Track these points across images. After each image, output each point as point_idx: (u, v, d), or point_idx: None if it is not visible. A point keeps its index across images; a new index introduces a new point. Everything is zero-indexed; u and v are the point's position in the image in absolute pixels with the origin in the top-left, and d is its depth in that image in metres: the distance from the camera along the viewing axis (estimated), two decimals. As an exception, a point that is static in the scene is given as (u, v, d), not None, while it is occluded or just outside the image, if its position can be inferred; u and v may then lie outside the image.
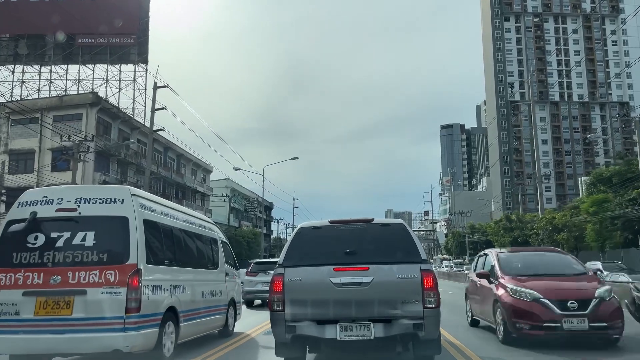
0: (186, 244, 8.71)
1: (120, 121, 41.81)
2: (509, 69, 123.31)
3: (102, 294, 6.44)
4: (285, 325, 6.17)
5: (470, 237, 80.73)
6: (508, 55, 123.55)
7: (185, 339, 8.19)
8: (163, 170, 50.25)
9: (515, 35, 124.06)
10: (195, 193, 59.71)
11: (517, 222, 51.11)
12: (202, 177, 64.61)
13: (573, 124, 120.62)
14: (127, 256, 6.63)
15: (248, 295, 17.92)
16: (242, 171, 40.96)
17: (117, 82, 43.32)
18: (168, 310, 7.32)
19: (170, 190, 53.43)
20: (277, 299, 6.24)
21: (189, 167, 59.45)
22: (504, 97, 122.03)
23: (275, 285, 6.29)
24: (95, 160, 38.08)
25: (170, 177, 51.35)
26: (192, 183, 57.91)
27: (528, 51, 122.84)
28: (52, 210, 6.93)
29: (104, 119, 38.08)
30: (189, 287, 8.23)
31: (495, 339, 9.22)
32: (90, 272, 6.51)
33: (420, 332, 6.04)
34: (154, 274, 7.08)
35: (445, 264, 60.17)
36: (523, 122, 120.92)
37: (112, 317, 6.39)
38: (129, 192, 7.13)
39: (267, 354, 8.04)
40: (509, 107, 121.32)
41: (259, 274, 18.28)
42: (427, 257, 6.55)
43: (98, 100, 38.10)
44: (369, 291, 6.09)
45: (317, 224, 6.96)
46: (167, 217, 8.05)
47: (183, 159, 57.15)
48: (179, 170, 55.64)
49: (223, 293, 10.13)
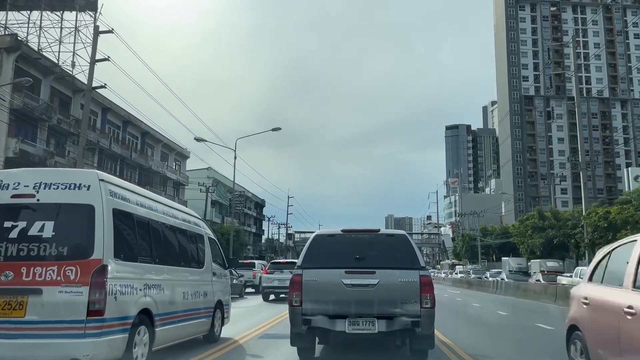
0: (166, 239, 7.86)
1: (54, 78, 32.81)
2: (524, 61, 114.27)
3: (60, 294, 5.66)
4: (301, 319, 7.00)
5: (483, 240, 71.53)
6: (522, 46, 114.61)
7: (163, 345, 7.41)
8: (120, 147, 41.22)
9: (530, 26, 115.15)
10: (165, 180, 50.64)
11: (551, 219, 41.89)
12: (176, 163, 55.57)
13: (592, 121, 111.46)
14: (91, 250, 5.84)
15: (265, 290, 21.09)
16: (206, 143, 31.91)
17: (59, 32, 34.33)
18: (141, 313, 6.50)
19: (131, 173, 44.38)
20: (296, 295, 7.08)
21: (158, 149, 50.42)
22: (517, 92, 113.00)
23: (294, 284, 7.16)
24: (15, 123, 29.06)
25: (129, 156, 42.30)
26: (161, 168, 48.83)
27: (544, 42, 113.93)
28: (7, 196, 6.13)
29: (29, 73, 29.08)
30: (167, 287, 7.41)
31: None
32: (47, 268, 5.72)
33: (417, 329, 6.84)
34: (124, 272, 6.26)
35: (458, 270, 50.63)
36: (538, 118, 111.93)
37: (70, 320, 5.61)
38: (97, 177, 6.28)
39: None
40: (523, 101, 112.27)
41: (275, 272, 21.09)
42: (425, 264, 7.37)
43: (17, 44, 29.11)
44: (374, 292, 6.94)
45: (331, 232, 7.98)
46: (143, 207, 7.17)
47: (150, 138, 48.12)
48: (144, 150, 46.58)
49: (209, 294, 9.37)
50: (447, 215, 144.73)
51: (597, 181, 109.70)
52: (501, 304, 20.36)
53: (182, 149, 55.11)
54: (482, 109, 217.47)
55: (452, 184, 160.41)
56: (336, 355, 8.48)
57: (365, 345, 8.52)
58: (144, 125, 45.31)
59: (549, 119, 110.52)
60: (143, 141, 46.86)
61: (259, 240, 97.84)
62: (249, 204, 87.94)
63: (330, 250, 7.47)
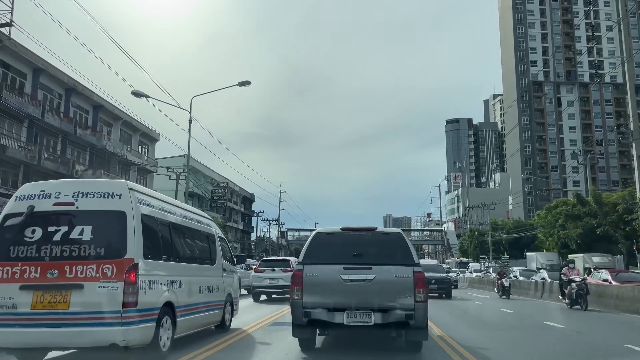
0: (184, 239, 8.74)
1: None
2: (532, 45, 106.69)
3: (99, 288, 6.48)
4: (302, 311, 7.40)
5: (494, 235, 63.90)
6: (530, 29, 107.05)
7: (182, 334, 8.28)
8: (60, 120, 33.46)
9: (539, 7, 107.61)
10: (127, 165, 42.93)
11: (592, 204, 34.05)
12: (142, 146, 47.84)
13: (605, 108, 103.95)
14: (125, 251, 6.66)
15: (255, 290, 19.70)
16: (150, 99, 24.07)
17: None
18: (165, 305, 7.34)
19: (79, 153, 36.66)
20: (297, 290, 7.49)
21: (117, 127, 42.65)
22: (525, 77, 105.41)
23: (296, 278, 7.57)
24: None
25: (72, 132, 34.53)
26: (119, 149, 41.09)
27: (554, 25, 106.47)
28: (50, 204, 6.96)
29: None
30: (186, 282, 8.25)
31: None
32: (87, 267, 6.55)
33: (411, 321, 7.18)
34: (151, 269, 7.10)
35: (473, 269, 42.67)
36: (547, 105, 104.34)
37: (109, 311, 6.43)
38: (127, 186, 7.17)
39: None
40: (531, 88, 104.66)
41: (265, 270, 19.65)
42: (418, 261, 7.64)
43: None
44: (371, 286, 7.32)
45: (331, 229, 8.24)
46: (164, 212, 8.04)
47: (105, 114, 40.43)
48: (97, 127, 38.81)
49: (220, 289, 10.17)
50: (450, 211, 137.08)
51: (612, 172, 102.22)
52: (610, 324, 13.06)
53: (148, 130, 47.36)
54: (483, 102, 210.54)
55: (454, 179, 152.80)
56: (335, 346, 8.91)
57: (363, 337, 9.04)
58: (96, 97, 37.63)
59: (560, 106, 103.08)
60: (95, 116, 39.05)
61: (248, 238, 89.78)
62: (235, 198, 79.98)
63: (330, 247, 7.90)
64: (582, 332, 11.85)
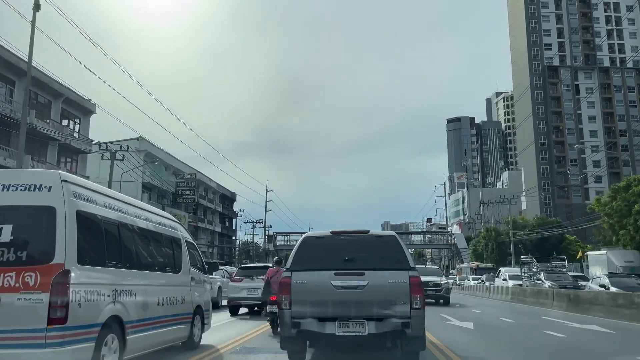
0: (138, 243, 7.44)
1: None
2: (545, 26, 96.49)
3: (19, 301, 5.30)
4: (291, 322, 6.82)
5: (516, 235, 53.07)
6: (544, 9, 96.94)
7: (137, 354, 7.05)
8: None
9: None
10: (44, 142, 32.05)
11: None
12: (73, 120, 36.99)
13: (628, 96, 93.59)
14: (52, 255, 5.44)
15: (233, 302, 17.27)
16: None
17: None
18: (110, 321, 6.12)
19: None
20: (285, 298, 6.91)
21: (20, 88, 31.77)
22: (539, 62, 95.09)
23: (283, 286, 7.00)
24: None
25: None
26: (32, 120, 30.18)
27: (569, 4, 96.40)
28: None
29: None
30: (140, 292, 7.01)
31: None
32: (5, 275, 5.37)
33: (407, 330, 6.69)
34: (90, 277, 5.87)
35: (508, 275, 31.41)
36: (564, 93, 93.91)
37: (30, 329, 5.24)
38: (59, 177, 5.86)
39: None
40: (546, 74, 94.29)
41: (243, 279, 17.15)
42: (414, 265, 7.18)
43: None
44: (364, 293, 6.78)
45: (320, 234, 7.75)
46: (111, 209, 6.77)
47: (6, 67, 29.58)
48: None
49: (187, 300, 8.93)
50: (454, 214, 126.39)
51: (638, 167, 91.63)
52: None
53: (79, 98, 36.50)
54: (486, 101, 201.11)
55: (458, 179, 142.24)
56: (327, 358, 8.54)
57: (356, 347, 8.07)
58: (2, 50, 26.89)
59: (577, 93, 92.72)
60: None
61: (229, 242, 78.63)
62: (211, 195, 68.95)
63: (319, 252, 7.40)
64: None
